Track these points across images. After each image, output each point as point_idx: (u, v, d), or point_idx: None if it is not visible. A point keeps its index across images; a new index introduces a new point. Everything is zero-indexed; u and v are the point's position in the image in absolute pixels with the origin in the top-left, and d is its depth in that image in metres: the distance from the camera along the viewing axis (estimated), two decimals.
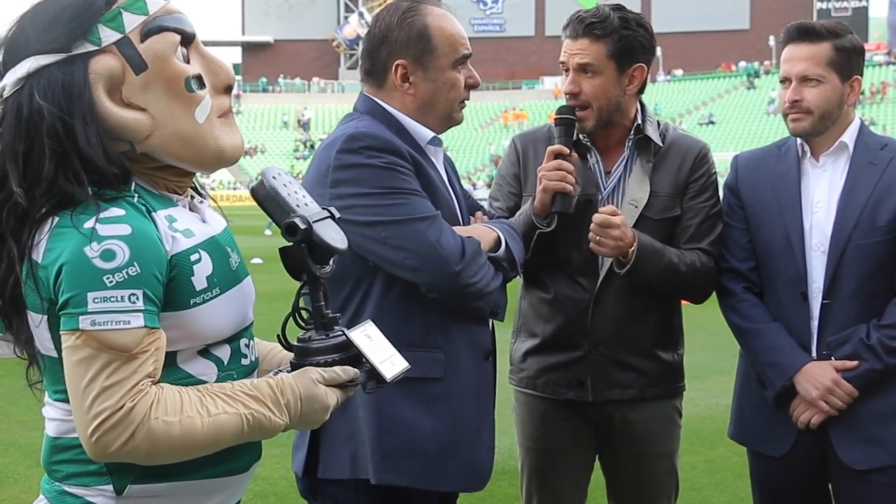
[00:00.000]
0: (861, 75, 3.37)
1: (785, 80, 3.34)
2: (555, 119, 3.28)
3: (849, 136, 3.33)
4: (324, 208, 2.07)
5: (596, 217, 3.18)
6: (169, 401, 1.83)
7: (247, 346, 2.09)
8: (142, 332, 1.81)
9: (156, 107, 1.95)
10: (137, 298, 1.81)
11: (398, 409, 2.73)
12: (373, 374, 2.02)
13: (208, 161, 2.02)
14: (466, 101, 2.97)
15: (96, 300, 1.79)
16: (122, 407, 1.78)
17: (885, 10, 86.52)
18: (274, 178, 2.03)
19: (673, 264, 3.27)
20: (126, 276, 1.80)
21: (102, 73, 1.90)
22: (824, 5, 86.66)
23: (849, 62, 3.32)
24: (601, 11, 3.28)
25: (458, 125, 2.99)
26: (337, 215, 2.08)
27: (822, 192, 3.31)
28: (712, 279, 3.40)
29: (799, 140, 3.38)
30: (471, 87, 2.93)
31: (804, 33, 3.31)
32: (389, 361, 2.05)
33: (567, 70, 3.33)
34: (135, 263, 1.81)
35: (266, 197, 2.01)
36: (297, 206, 2.00)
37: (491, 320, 2.93)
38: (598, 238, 3.18)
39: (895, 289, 3.23)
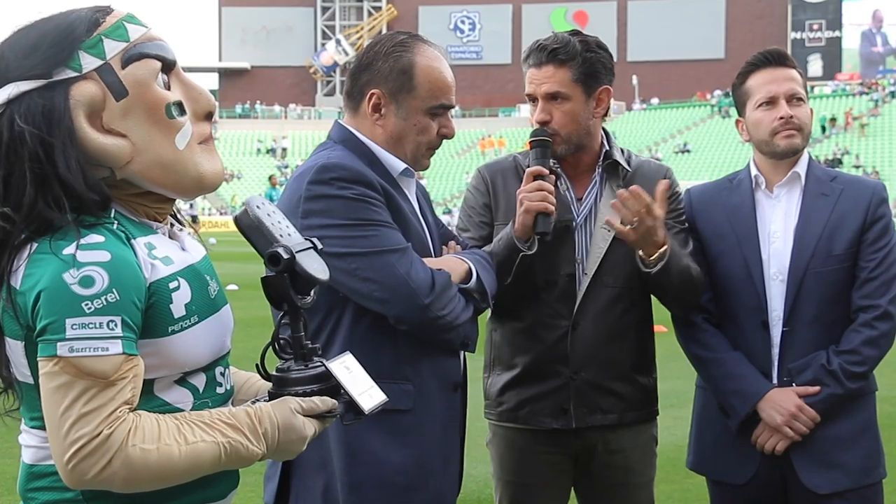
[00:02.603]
0: None
1: (769, 100, 3.38)
2: (530, 142, 3.28)
3: (801, 167, 3.42)
4: (306, 239, 2.07)
5: (644, 196, 3.11)
6: (146, 428, 1.82)
7: (222, 374, 2.09)
8: (120, 359, 1.81)
9: (136, 133, 1.95)
10: (116, 325, 1.81)
11: (367, 440, 2.72)
12: (351, 405, 2.01)
13: (188, 187, 2.02)
14: (436, 149, 2.95)
15: (74, 326, 1.78)
16: (99, 434, 1.78)
17: (858, 41, 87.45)
18: (258, 207, 2.03)
19: (689, 267, 3.29)
20: (105, 303, 1.80)
21: (82, 100, 1.91)
22: (798, 35, 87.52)
23: (807, 91, 3.45)
24: (560, 37, 3.29)
25: (423, 170, 2.98)
26: (319, 246, 2.08)
27: (779, 222, 3.40)
28: (704, 287, 3.40)
29: (753, 172, 3.46)
30: (443, 136, 2.92)
31: (784, 57, 3.43)
32: (367, 394, 2.04)
33: (534, 100, 3.33)
34: (113, 290, 1.80)
35: (249, 226, 2.01)
36: (281, 235, 2.01)
37: (462, 351, 2.92)
38: (635, 220, 3.11)
39: (852, 315, 3.33)
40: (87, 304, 1.79)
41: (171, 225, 2.12)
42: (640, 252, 3.22)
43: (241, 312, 2.19)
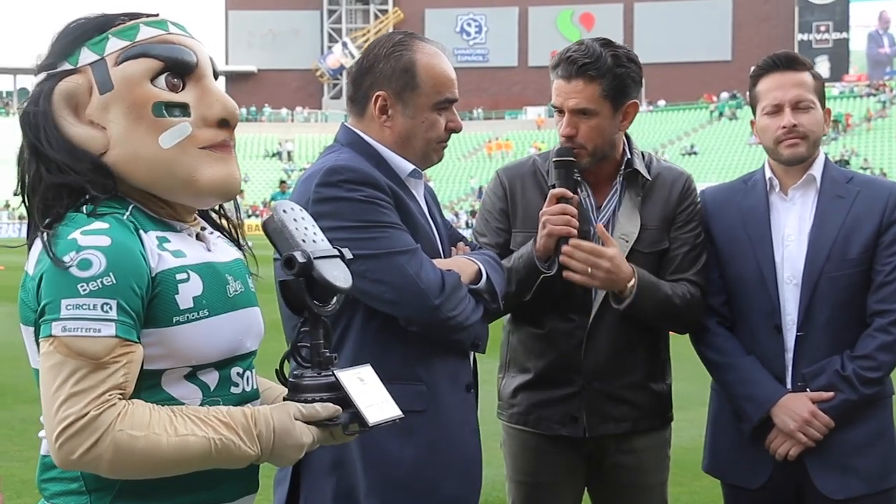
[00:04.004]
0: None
1: (775, 107, 3.34)
2: (554, 161, 3.25)
3: (816, 170, 3.37)
4: (335, 248, 2.07)
5: (585, 245, 3.16)
6: (137, 415, 1.85)
7: (240, 375, 2.09)
8: (113, 342, 1.84)
9: (114, 127, 2.00)
10: (111, 308, 1.84)
11: (383, 442, 2.71)
12: (356, 416, 1.99)
13: (179, 189, 2.04)
14: (446, 143, 2.95)
15: (69, 307, 1.83)
16: (86, 414, 1.80)
17: (865, 42, 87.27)
18: (284, 211, 2.05)
19: (668, 297, 3.27)
20: (100, 286, 1.83)
21: (64, 90, 2.00)
22: (806, 37, 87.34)
23: (823, 92, 3.39)
24: (592, 50, 3.23)
25: (436, 164, 2.98)
26: (348, 256, 2.08)
27: (793, 225, 3.36)
28: (701, 309, 3.40)
29: (767, 174, 3.43)
30: (451, 130, 2.91)
31: (791, 61, 3.37)
32: (378, 407, 2.02)
33: (560, 111, 3.29)
34: (110, 274, 1.84)
35: (274, 230, 2.04)
36: (304, 240, 2.01)
37: (472, 352, 2.92)
38: (589, 270, 3.14)
39: (867, 320, 3.28)
40: (82, 286, 1.83)
41: (203, 228, 2.15)
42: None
43: (270, 315, 2.20)
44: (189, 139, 2.02)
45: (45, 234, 1.91)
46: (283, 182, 31.38)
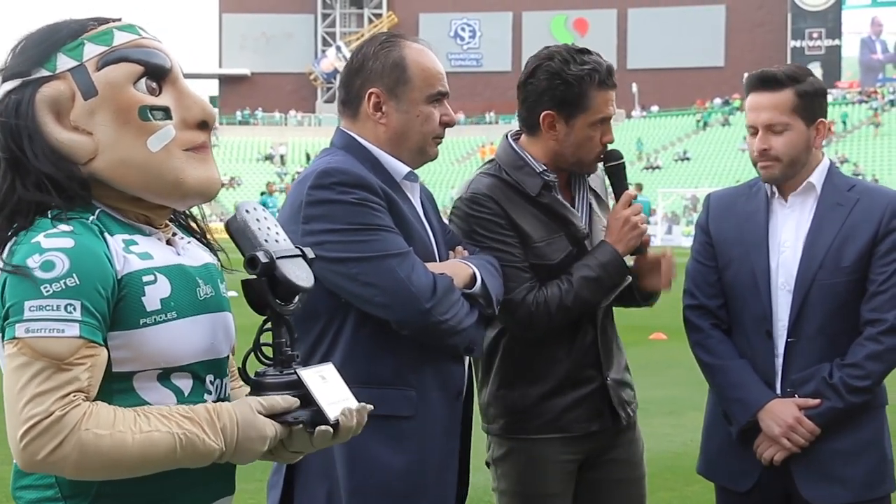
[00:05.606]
0: (825, 116, 3.40)
1: (752, 129, 3.37)
2: (611, 166, 3.29)
3: (816, 178, 3.37)
4: (297, 247, 2.07)
5: (670, 254, 3.31)
6: (101, 415, 1.84)
7: (212, 382, 2.08)
8: (77, 343, 1.83)
9: (102, 132, 1.99)
10: (74, 309, 1.84)
11: (369, 446, 2.70)
12: (318, 414, 1.98)
13: (167, 191, 2.03)
14: (441, 138, 2.95)
15: (32, 308, 1.82)
16: (51, 414, 1.79)
17: (857, 49, 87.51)
18: (247, 211, 2.05)
19: None
20: (63, 287, 1.83)
21: (48, 96, 1.98)
22: (798, 44, 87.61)
23: (811, 106, 3.34)
24: (600, 59, 3.25)
25: (432, 161, 2.98)
26: (310, 256, 2.08)
27: (790, 231, 3.37)
28: None
29: None
30: (446, 124, 2.92)
31: (766, 82, 3.34)
32: (339, 405, 2.00)
33: (604, 122, 3.26)
34: (74, 275, 1.84)
35: (236, 230, 2.03)
36: (266, 240, 2.02)
37: (468, 359, 2.91)
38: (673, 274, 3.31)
39: (859, 328, 3.28)
40: (45, 287, 1.82)
41: (174, 234, 2.14)
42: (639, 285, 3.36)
43: (240, 319, 2.20)
44: (173, 142, 2.02)
45: (2, 250, 1.89)
46: (269, 184, 31.28)
